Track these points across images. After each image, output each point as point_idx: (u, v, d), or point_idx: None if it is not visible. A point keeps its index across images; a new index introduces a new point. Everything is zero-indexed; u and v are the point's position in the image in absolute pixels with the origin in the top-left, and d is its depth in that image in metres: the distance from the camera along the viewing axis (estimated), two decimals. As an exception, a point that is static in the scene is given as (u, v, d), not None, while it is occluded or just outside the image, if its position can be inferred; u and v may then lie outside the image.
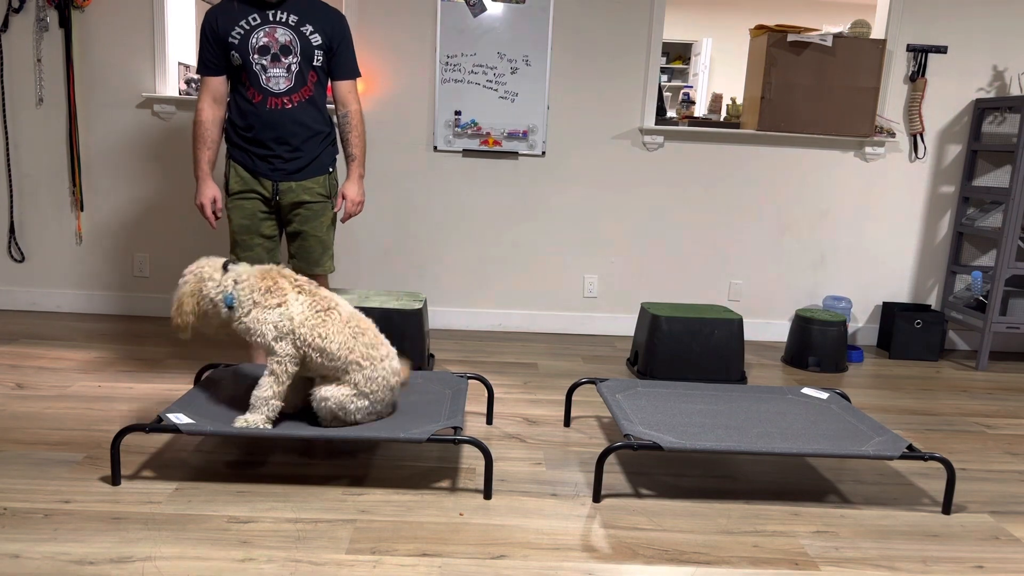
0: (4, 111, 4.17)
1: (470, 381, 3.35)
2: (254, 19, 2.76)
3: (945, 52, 4.34)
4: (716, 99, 4.74)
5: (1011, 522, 2.39)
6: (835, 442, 2.49)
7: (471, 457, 2.65)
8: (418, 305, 3.53)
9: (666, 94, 8.16)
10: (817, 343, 4.00)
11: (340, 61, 2.89)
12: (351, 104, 2.92)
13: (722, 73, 8.15)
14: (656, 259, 4.50)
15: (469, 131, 4.28)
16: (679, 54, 8.47)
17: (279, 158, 2.83)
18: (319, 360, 2.37)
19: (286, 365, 2.35)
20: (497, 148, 4.31)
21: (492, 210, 4.41)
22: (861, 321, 4.66)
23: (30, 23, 4.10)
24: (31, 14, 4.08)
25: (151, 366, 3.50)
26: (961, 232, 4.51)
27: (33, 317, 4.24)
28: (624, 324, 4.55)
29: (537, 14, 4.18)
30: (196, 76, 4.34)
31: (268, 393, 2.36)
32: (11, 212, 4.27)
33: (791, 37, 4.14)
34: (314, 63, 2.80)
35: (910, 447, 2.41)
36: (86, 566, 1.88)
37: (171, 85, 4.23)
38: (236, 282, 2.37)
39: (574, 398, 3.32)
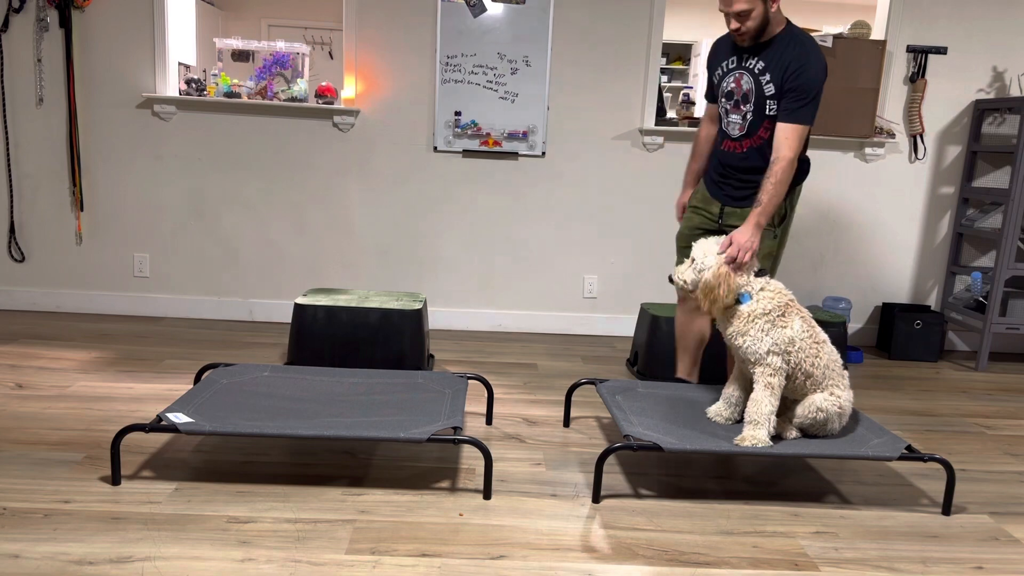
0: (4, 111, 4.17)
1: (470, 381, 3.35)
2: (732, 62, 2.81)
3: (945, 53, 4.34)
4: (716, 100, 4.74)
5: (1011, 523, 2.39)
6: (835, 443, 2.49)
7: (471, 457, 2.65)
8: (418, 305, 3.54)
9: (666, 95, 8.15)
10: (817, 344, 4.00)
11: (784, 104, 2.70)
12: (780, 151, 2.68)
13: (722, 74, 8.14)
14: (656, 259, 4.50)
15: (469, 131, 4.28)
16: (679, 55, 8.47)
17: (730, 186, 2.93)
18: (802, 381, 2.52)
19: (779, 378, 2.47)
20: (497, 148, 4.31)
21: (492, 210, 4.41)
22: (861, 322, 4.66)
23: (30, 23, 4.10)
24: (31, 14, 4.08)
25: (151, 366, 3.50)
26: (961, 233, 4.51)
27: (33, 317, 4.24)
28: (624, 324, 4.55)
29: (537, 14, 4.18)
30: (194, 76, 4.34)
31: (768, 408, 2.46)
32: (11, 212, 4.27)
33: (791, 38, 4.13)
34: (766, 112, 2.75)
35: (909, 448, 2.41)
36: (86, 566, 1.89)
37: (171, 85, 4.23)
38: (763, 289, 2.54)
39: (574, 399, 3.32)
